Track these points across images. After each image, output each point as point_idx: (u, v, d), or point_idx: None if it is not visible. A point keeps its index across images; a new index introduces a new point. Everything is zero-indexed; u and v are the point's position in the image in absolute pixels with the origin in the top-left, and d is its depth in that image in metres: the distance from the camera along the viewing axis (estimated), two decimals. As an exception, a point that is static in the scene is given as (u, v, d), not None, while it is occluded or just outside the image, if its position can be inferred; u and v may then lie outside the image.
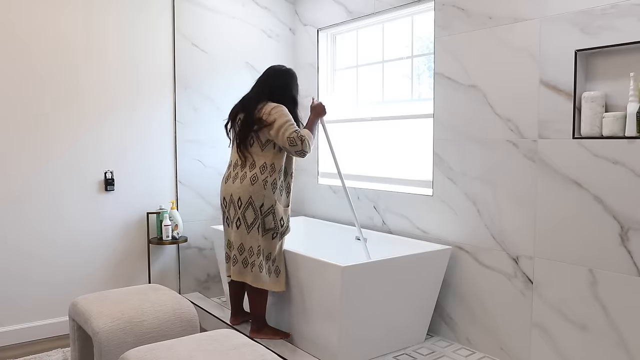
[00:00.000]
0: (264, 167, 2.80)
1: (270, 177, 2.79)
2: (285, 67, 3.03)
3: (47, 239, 3.19)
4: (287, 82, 2.96)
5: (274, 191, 2.79)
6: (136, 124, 3.47)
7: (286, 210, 2.87)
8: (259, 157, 2.82)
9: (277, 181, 2.81)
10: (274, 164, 2.81)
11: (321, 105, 2.98)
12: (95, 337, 2.15)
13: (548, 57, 2.48)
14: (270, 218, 2.79)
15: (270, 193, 2.78)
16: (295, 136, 2.74)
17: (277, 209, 2.80)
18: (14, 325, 3.11)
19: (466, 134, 2.87)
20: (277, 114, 2.78)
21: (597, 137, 2.31)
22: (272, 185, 2.78)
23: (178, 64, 3.61)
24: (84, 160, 3.29)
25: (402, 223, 3.29)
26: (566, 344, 2.47)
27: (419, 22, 3.34)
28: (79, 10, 3.22)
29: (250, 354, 1.87)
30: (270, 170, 2.80)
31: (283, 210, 2.84)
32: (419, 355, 2.81)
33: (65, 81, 3.20)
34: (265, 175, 2.78)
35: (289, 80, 2.98)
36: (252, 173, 2.80)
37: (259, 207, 2.77)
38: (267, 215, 2.78)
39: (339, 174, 3.15)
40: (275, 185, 2.80)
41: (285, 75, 2.98)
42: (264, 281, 2.81)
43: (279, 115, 2.77)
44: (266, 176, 2.78)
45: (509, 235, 2.69)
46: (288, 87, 2.95)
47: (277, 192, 2.81)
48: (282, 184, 2.85)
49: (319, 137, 4.01)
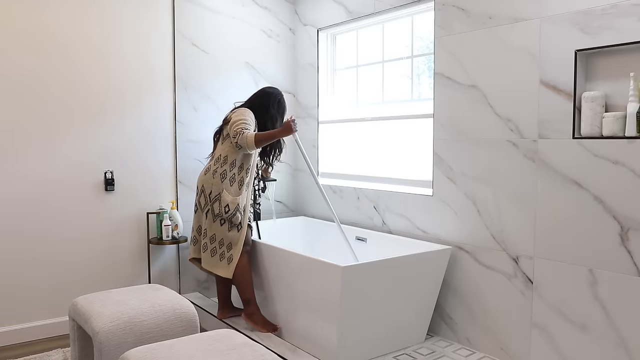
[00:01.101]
0: (219, 158, 3.08)
1: (220, 167, 3.05)
2: (273, 89, 3.31)
3: (47, 239, 3.19)
4: (268, 101, 3.23)
5: (222, 180, 3.04)
6: (136, 124, 3.47)
7: (234, 199, 3.03)
8: (218, 150, 3.13)
9: (226, 172, 3.05)
10: (227, 157, 3.06)
11: (289, 124, 3.04)
12: (95, 337, 2.15)
13: (548, 57, 2.48)
14: (217, 204, 3.03)
15: (219, 182, 3.04)
16: (238, 130, 2.97)
17: (224, 196, 3.02)
18: (14, 325, 3.11)
19: (466, 134, 2.87)
20: (238, 113, 3.09)
21: (597, 137, 2.31)
22: (221, 175, 3.04)
23: (178, 64, 3.61)
24: (84, 160, 3.29)
25: (402, 223, 3.29)
26: (566, 344, 2.47)
27: (419, 22, 3.34)
28: (78, 10, 3.22)
29: (250, 354, 1.87)
30: (222, 162, 3.06)
31: (231, 200, 3.02)
32: (419, 355, 2.81)
33: (65, 81, 3.20)
34: (217, 166, 3.07)
35: (270, 100, 3.24)
36: (210, 164, 3.14)
37: (208, 194, 3.06)
38: (215, 202, 3.04)
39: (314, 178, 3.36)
40: (225, 175, 3.04)
41: (268, 96, 3.26)
42: (212, 264, 3.09)
43: (239, 114, 3.07)
44: (217, 167, 3.06)
45: (509, 235, 2.69)
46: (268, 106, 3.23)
47: (227, 182, 3.04)
48: (235, 176, 3.06)
49: (319, 138, 4.02)
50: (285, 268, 2.91)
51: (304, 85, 4.11)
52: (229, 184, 3.05)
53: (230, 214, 3.02)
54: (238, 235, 3.05)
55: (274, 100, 3.25)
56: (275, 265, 2.98)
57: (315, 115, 4.02)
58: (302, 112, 4.16)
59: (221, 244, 3.06)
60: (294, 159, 4.24)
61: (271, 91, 3.28)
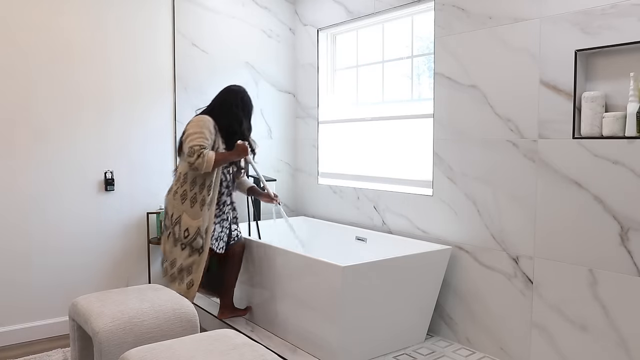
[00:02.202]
0: (179, 177, 2.90)
1: (181, 187, 2.87)
2: (238, 86, 3.06)
3: (48, 238, 3.19)
4: (231, 100, 2.98)
5: (182, 202, 2.85)
6: (136, 124, 3.47)
7: (194, 223, 2.83)
8: (179, 167, 2.95)
9: (187, 192, 2.84)
10: (187, 174, 2.86)
11: (244, 147, 2.91)
12: (95, 337, 2.15)
13: (548, 57, 2.48)
14: (177, 228, 2.86)
15: (179, 204, 2.85)
16: (196, 149, 2.74)
17: (184, 220, 2.84)
18: (14, 325, 3.11)
19: (466, 134, 2.87)
20: (191, 124, 2.86)
21: (597, 137, 2.31)
22: (181, 197, 2.85)
23: (178, 64, 3.61)
24: (84, 160, 3.29)
25: (402, 223, 3.29)
26: (566, 344, 2.47)
27: (419, 22, 3.34)
28: (78, 10, 3.22)
29: (250, 353, 1.87)
30: (183, 181, 2.87)
31: (190, 223, 2.83)
32: (419, 355, 2.81)
33: (66, 81, 3.20)
34: (177, 185, 2.89)
35: (234, 98, 2.98)
36: (172, 183, 2.96)
37: (170, 216, 2.89)
38: (176, 224, 2.86)
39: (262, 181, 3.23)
40: (185, 196, 2.84)
41: (232, 94, 3.00)
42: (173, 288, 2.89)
43: (192, 125, 2.85)
44: (178, 186, 2.88)
45: (509, 235, 2.69)
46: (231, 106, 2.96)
47: (187, 203, 2.84)
48: (196, 196, 2.84)
49: (319, 138, 4.02)
50: (285, 268, 2.91)
51: (304, 85, 4.11)
52: (189, 206, 2.85)
53: (190, 238, 2.85)
54: (199, 259, 2.89)
55: (235, 98, 2.99)
56: (275, 265, 2.98)
57: (315, 115, 4.02)
58: (302, 112, 4.16)
59: (180, 269, 2.89)
60: (294, 158, 4.24)
61: (234, 89, 3.04)
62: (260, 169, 3.61)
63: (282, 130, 4.15)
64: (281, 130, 4.15)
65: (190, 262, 2.88)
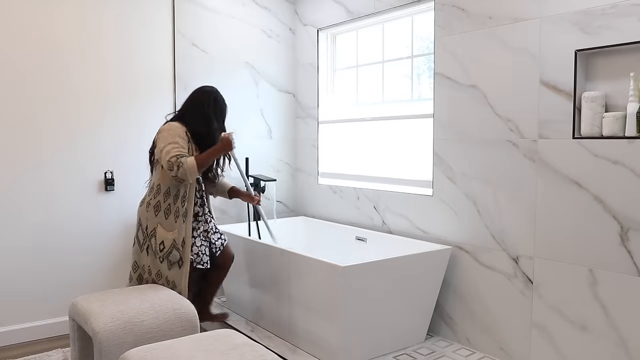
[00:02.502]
0: (152, 188, 2.77)
1: (154, 199, 2.73)
2: (210, 87, 2.92)
3: (47, 238, 3.19)
4: (202, 100, 2.84)
5: (156, 214, 2.72)
6: (136, 124, 3.46)
7: (169, 235, 2.70)
8: (152, 178, 2.82)
9: (160, 204, 2.72)
10: (160, 186, 2.73)
11: (228, 140, 2.78)
12: (95, 337, 2.15)
13: (548, 57, 2.48)
14: (154, 240, 2.73)
15: (152, 215, 2.72)
16: (173, 161, 2.59)
17: (159, 232, 2.71)
18: (14, 325, 3.11)
19: (466, 134, 2.87)
20: (161, 134, 2.71)
21: (597, 137, 2.31)
22: (154, 208, 2.72)
23: (178, 64, 3.61)
24: (84, 160, 3.29)
25: (402, 223, 3.29)
26: (566, 344, 2.47)
27: (419, 22, 3.34)
28: (78, 10, 3.22)
29: (250, 353, 1.87)
30: (156, 192, 2.74)
31: (165, 236, 2.70)
32: (419, 355, 2.81)
33: (66, 81, 3.20)
34: (151, 197, 2.75)
35: (205, 98, 2.85)
36: (145, 194, 2.83)
37: (144, 228, 2.75)
38: (152, 237, 2.73)
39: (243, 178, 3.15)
40: (159, 207, 2.72)
41: (203, 94, 2.86)
42: None
43: (162, 136, 2.69)
44: (151, 198, 2.75)
45: (509, 235, 2.69)
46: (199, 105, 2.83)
47: (161, 215, 2.71)
48: (170, 207, 2.71)
49: (319, 138, 4.02)
50: (285, 268, 2.91)
51: (304, 85, 4.11)
52: (164, 217, 2.71)
53: (166, 252, 2.70)
54: (180, 272, 2.72)
55: (208, 98, 2.85)
56: (275, 265, 2.98)
57: (315, 115, 4.02)
58: (302, 112, 4.16)
59: (167, 281, 2.74)
60: (294, 158, 4.24)
61: (206, 89, 2.90)
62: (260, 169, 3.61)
63: (282, 130, 4.15)
64: (281, 130, 4.15)
65: (172, 276, 2.72)
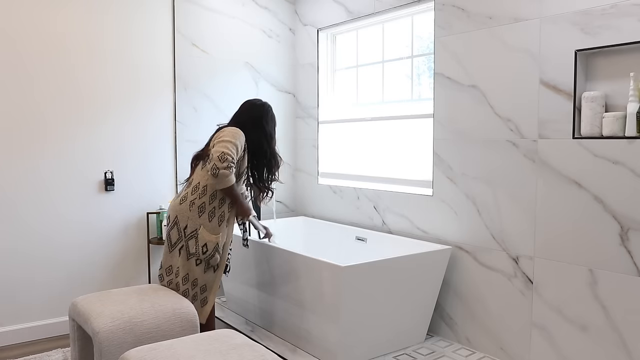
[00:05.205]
0: (197, 187, 2.68)
1: (199, 199, 2.64)
2: (261, 100, 2.93)
3: (47, 239, 3.19)
4: (261, 115, 2.85)
5: (200, 214, 2.63)
6: (136, 124, 3.47)
7: (214, 238, 2.65)
8: (196, 176, 2.73)
9: (205, 205, 2.64)
10: (207, 187, 2.65)
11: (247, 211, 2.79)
12: (95, 337, 2.15)
13: (548, 57, 2.48)
14: (193, 242, 2.63)
15: (195, 216, 2.63)
16: (230, 159, 2.54)
17: (201, 234, 2.63)
18: (14, 325, 3.11)
19: (466, 134, 2.87)
20: (227, 132, 2.67)
21: (597, 137, 2.31)
22: (199, 208, 2.63)
23: (178, 64, 3.61)
24: (84, 160, 3.29)
25: (402, 223, 3.29)
26: (566, 344, 2.47)
27: (419, 22, 3.34)
28: (78, 10, 3.22)
29: (250, 353, 1.87)
30: (202, 193, 2.65)
31: (209, 239, 2.64)
32: (419, 355, 2.81)
33: (66, 81, 3.20)
34: (195, 196, 2.66)
35: (263, 113, 2.86)
36: (186, 192, 2.71)
37: (182, 228, 2.65)
38: (190, 239, 2.64)
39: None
40: (204, 209, 2.64)
41: (260, 108, 2.87)
42: None
43: (228, 134, 2.65)
44: (195, 197, 2.65)
45: (509, 235, 2.69)
46: (261, 121, 2.84)
47: (205, 217, 2.63)
48: (215, 210, 2.66)
49: (319, 138, 4.01)
50: (285, 268, 2.91)
51: (304, 85, 4.11)
52: (208, 219, 2.64)
53: (209, 254, 2.65)
54: (214, 276, 2.70)
55: (266, 113, 2.87)
56: (275, 265, 2.98)
57: (315, 115, 4.02)
58: (302, 112, 4.16)
59: (194, 284, 2.67)
60: (294, 158, 4.24)
61: (261, 103, 2.90)
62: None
63: (282, 130, 4.15)
64: (281, 130, 4.15)
65: (206, 279, 2.68)
